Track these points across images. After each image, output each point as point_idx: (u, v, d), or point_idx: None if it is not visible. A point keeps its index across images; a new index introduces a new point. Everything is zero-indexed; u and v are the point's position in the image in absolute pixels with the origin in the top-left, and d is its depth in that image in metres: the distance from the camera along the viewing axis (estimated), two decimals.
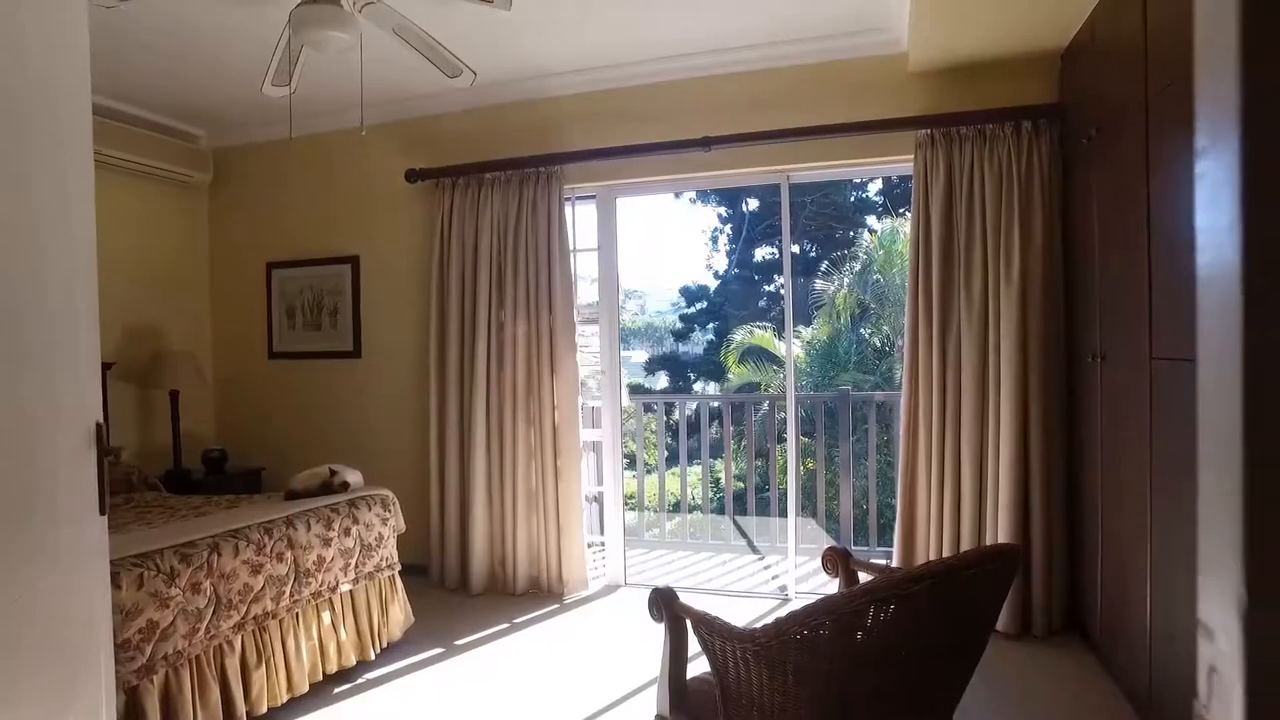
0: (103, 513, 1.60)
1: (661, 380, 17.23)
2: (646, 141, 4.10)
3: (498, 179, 4.36)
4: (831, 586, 2.96)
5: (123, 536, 2.87)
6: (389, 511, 3.61)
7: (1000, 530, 3.49)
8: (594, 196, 4.45)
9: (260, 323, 5.09)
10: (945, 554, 3.65)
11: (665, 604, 2.11)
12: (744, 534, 5.80)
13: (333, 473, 3.55)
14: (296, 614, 3.04)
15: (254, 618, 2.84)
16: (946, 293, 3.68)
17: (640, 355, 19.33)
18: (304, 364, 5.01)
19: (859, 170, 4.14)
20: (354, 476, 3.61)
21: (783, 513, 5.39)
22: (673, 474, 7.90)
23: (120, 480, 4.06)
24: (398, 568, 3.62)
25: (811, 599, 4.22)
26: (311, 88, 4.28)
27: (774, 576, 4.75)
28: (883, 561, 4.02)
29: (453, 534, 4.40)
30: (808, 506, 6.93)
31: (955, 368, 3.67)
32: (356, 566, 3.35)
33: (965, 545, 3.64)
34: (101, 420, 1.59)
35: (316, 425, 4.98)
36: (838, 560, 2.46)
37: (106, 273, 4.49)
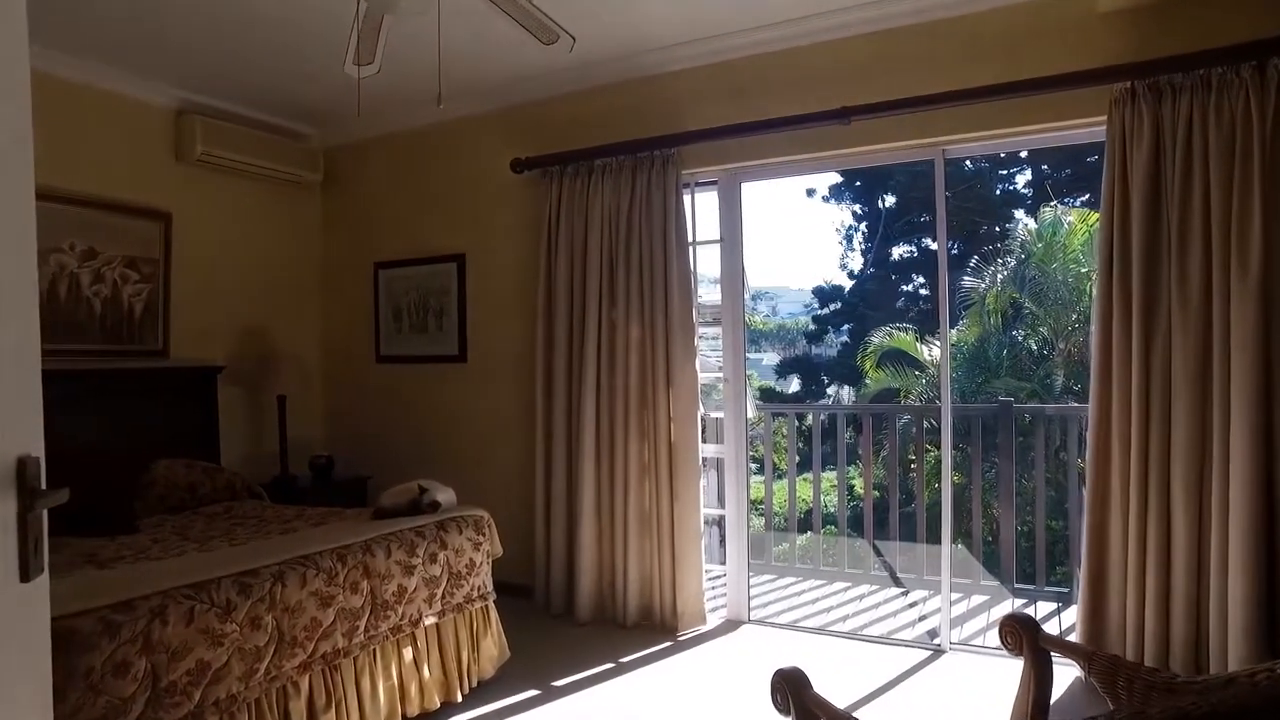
0: (26, 578, 1.20)
1: (794, 384, 16.51)
2: (774, 116, 3.56)
3: (609, 165, 3.94)
4: (1012, 668, 2.31)
5: (178, 562, 2.64)
6: (483, 535, 3.26)
7: (1233, 589, 2.72)
8: (715, 182, 3.95)
9: (368, 325, 4.92)
10: (1147, 612, 2.91)
11: (793, 694, 1.59)
12: (885, 562, 5.12)
13: (422, 490, 3.24)
14: (373, 651, 2.71)
15: (323, 656, 2.53)
16: (1151, 289, 2.93)
17: (771, 358, 18.68)
18: (410, 368, 4.79)
19: (1032, 139, 3.42)
20: (445, 495, 3.28)
21: (931, 538, 4.70)
22: (804, 480, 7.28)
23: (223, 488, 3.94)
24: (492, 597, 3.26)
25: (971, 654, 3.62)
26: (409, 77, 4.01)
27: (921, 617, 4.08)
28: (1070, 638, 3.29)
29: (559, 555, 4.02)
30: (959, 529, 6.14)
31: (1163, 381, 2.92)
32: (443, 597, 3.01)
33: (1178, 603, 2.88)
34: (35, 454, 1.22)
35: (420, 433, 4.75)
36: (1021, 635, 1.85)
37: (219, 276, 4.48)
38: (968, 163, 13.07)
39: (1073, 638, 3.17)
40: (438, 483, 3.36)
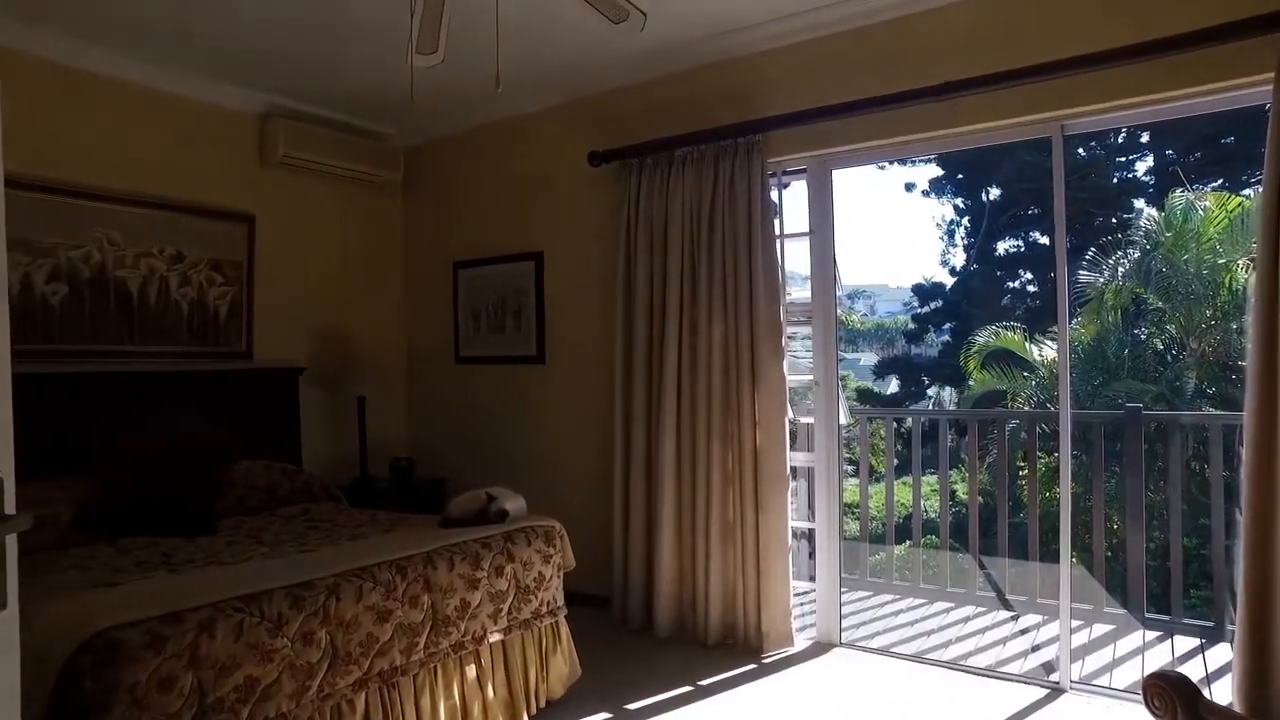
0: None
1: (892, 385, 15.87)
2: (867, 96, 3.25)
3: (690, 155, 3.72)
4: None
5: (242, 568, 2.56)
6: (553, 547, 3.09)
7: None
8: (803, 171, 3.67)
9: (448, 326, 4.85)
10: None
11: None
12: (992, 580, 4.69)
13: (490, 498, 3.09)
14: (434, 669, 2.58)
15: (379, 673, 2.40)
16: None
17: (869, 358, 18.06)
18: (488, 369, 4.69)
19: (1171, 106, 2.96)
20: (514, 504, 3.13)
21: (1045, 555, 4.27)
22: (903, 483, 6.85)
23: (301, 489, 3.91)
24: (562, 613, 3.09)
25: (1096, 696, 3.18)
26: (486, 72, 3.91)
27: (1034, 647, 3.68)
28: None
29: (637, 567, 3.82)
30: (1078, 544, 5.60)
31: None
32: (510, 613, 2.85)
33: None
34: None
35: (498, 436, 4.64)
36: (1176, 702, 1.52)
37: (301, 277, 4.48)
38: (1080, 151, 12.18)
39: (1226, 687, 2.74)
40: (508, 490, 3.21)
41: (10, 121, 3.37)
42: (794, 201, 3.71)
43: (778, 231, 3.61)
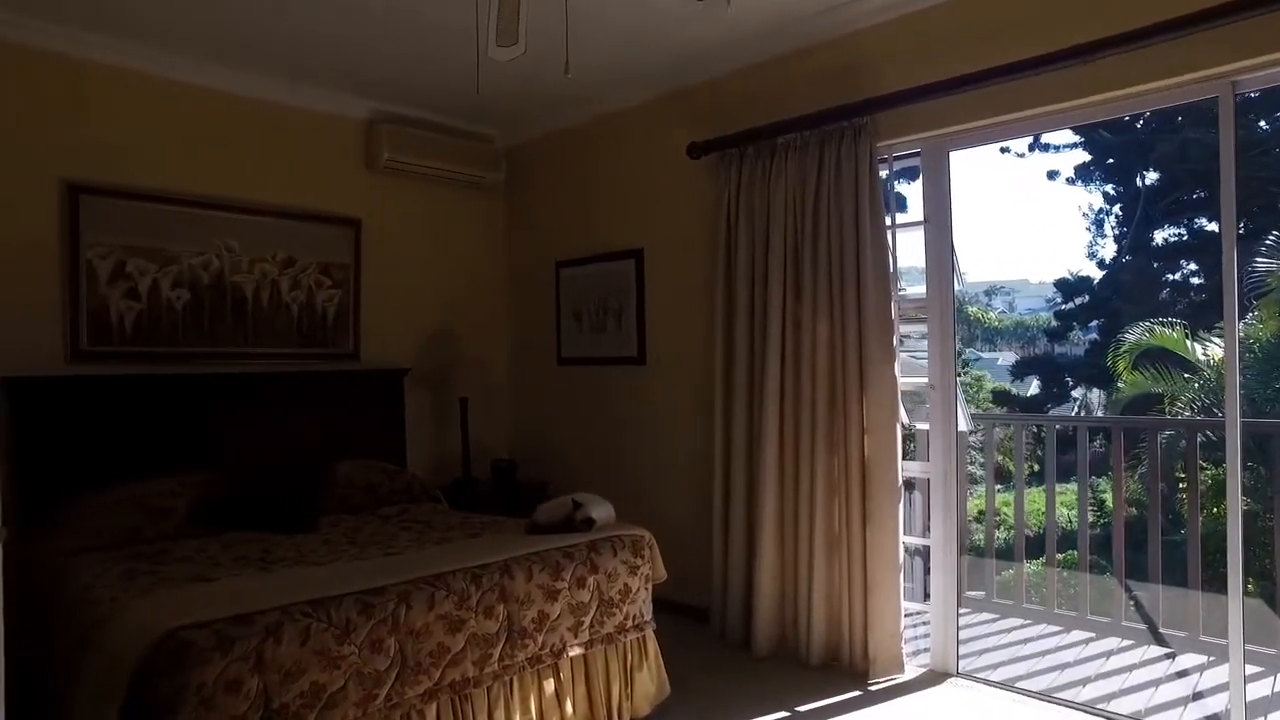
0: None
1: (1032, 386, 14.79)
2: (989, 66, 2.91)
3: (792, 143, 3.48)
4: None
5: (327, 570, 2.56)
6: (641, 558, 2.93)
7: None
8: (918, 154, 3.35)
9: (550, 326, 4.81)
10: None
11: None
12: (1141, 609, 4.15)
13: (576, 505, 2.98)
14: (509, 682, 2.48)
15: (450, 684, 2.33)
16: None
17: (1008, 357, 16.99)
18: (589, 370, 4.60)
19: None
20: (601, 511, 3.00)
21: (1210, 584, 3.73)
22: (1037, 490, 6.26)
23: (401, 490, 3.95)
24: (650, 627, 2.93)
25: None
26: (583, 67, 3.85)
27: (1195, 695, 3.20)
28: None
29: (737, 578, 3.62)
30: (1252, 572, 4.90)
31: None
32: (592, 626, 2.72)
33: None
34: None
35: (597, 438, 4.55)
36: None
37: (406, 279, 4.54)
38: (1262, 123, 10.85)
39: None
40: (596, 496, 3.09)
41: (140, 139, 3.57)
42: (909, 189, 3.40)
43: (889, 221, 3.31)
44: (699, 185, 3.95)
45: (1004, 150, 15.87)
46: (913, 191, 3.47)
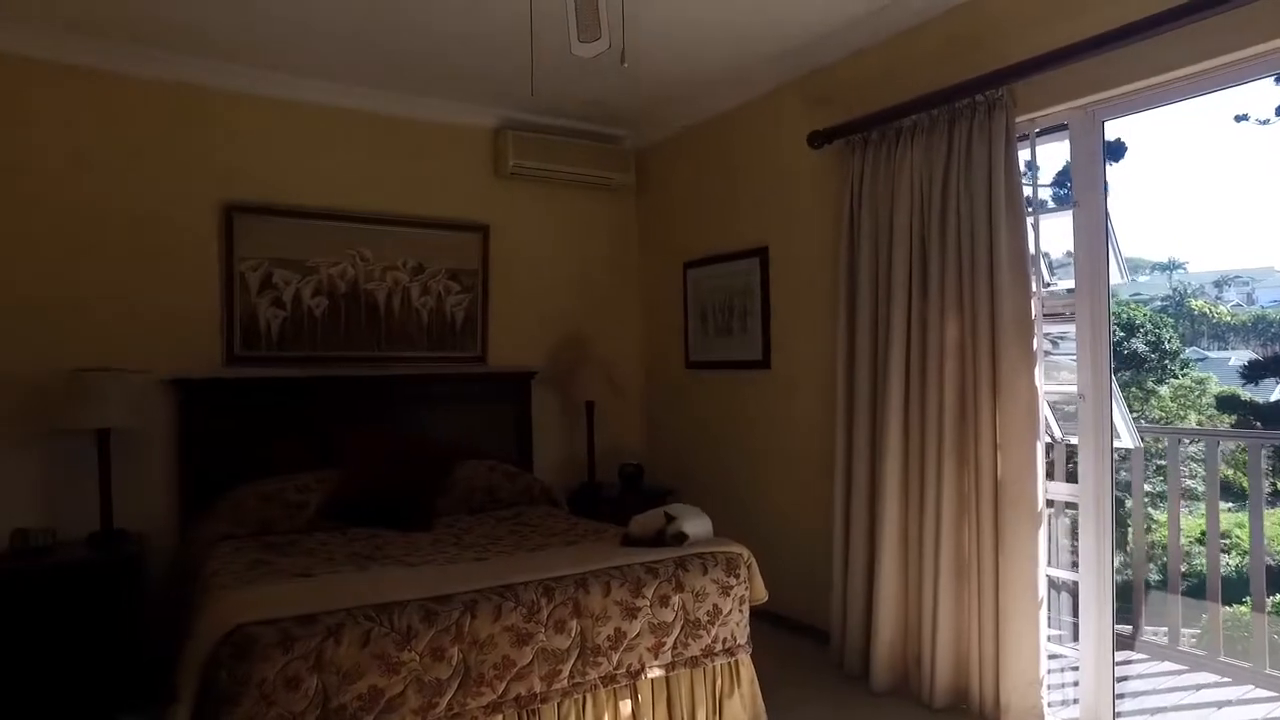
0: None
1: (1275, 391, 12.81)
2: (1154, 11, 2.44)
3: (918, 124, 3.15)
4: None
5: (412, 571, 2.60)
6: (735, 578, 2.74)
7: None
8: (1064, 127, 2.90)
9: (678, 329, 4.70)
10: None
11: None
12: None
13: (669, 519, 2.84)
14: (580, 700, 2.40)
15: (516, 698, 2.28)
16: None
17: (1241, 356, 14.85)
18: (715, 374, 4.45)
19: None
20: (695, 525, 2.84)
21: None
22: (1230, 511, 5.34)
23: (520, 492, 4.00)
24: (744, 651, 2.74)
25: None
26: (706, 62, 3.73)
27: None
28: None
29: (857, 602, 3.33)
30: None
31: None
32: (675, 647, 2.57)
33: None
34: None
35: (721, 446, 4.38)
36: None
37: (534, 283, 4.60)
38: None
39: None
40: (693, 509, 2.94)
41: (284, 160, 3.85)
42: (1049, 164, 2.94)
43: (1029, 206, 2.90)
44: (822, 177, 3.69)
45: (1240, 118, 13.87)
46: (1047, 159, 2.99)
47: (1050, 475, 2.95)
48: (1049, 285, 3.42)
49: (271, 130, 3.87)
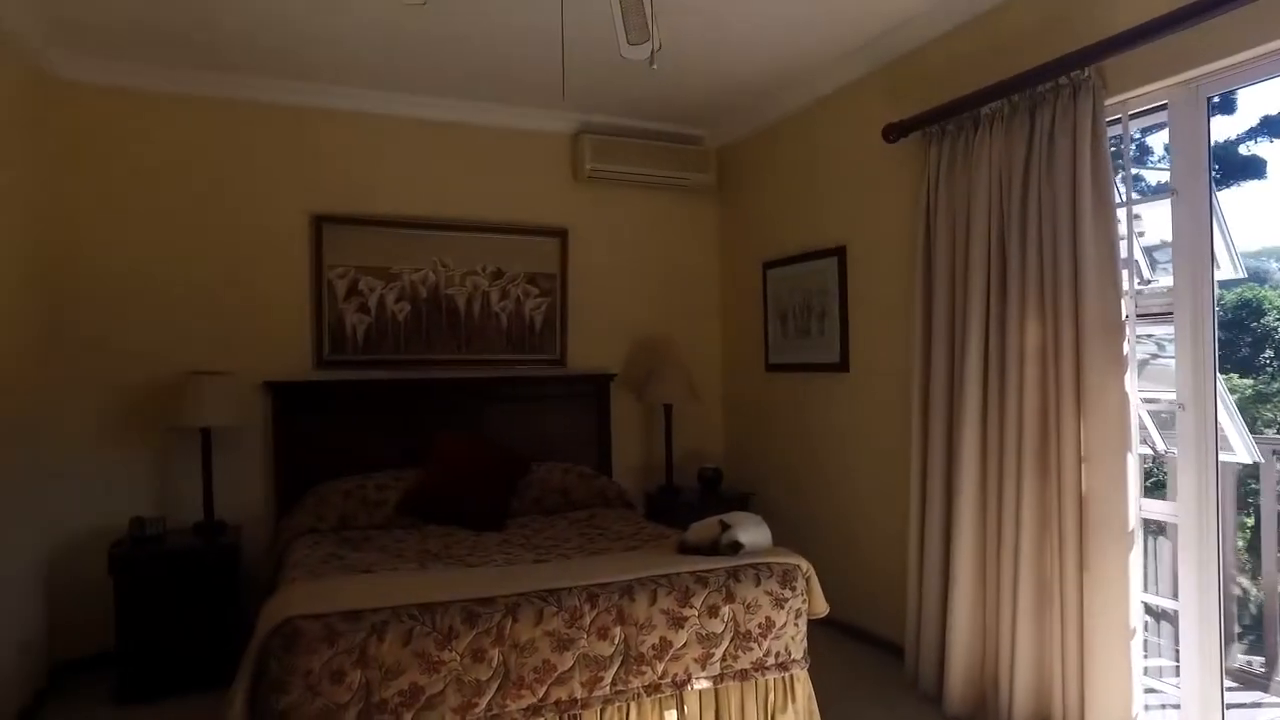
0: None
1: None
2: None
3: (998, 113, 2.95)
4: None
5: (467, 572, 2.65)
6: (791, 590, 2.65)
7: None
8: (1163, 106, 2.64)
9: (758, 331, 4.60)
10: None
11: None
12: None
13: (724, 527, 2.78)
14: (623, 708, 2.38)
15: (556, 703, 2.28)
16: None
17: None
18: (794, 377, 4.33)
19: None
20: (751, 535, 2.76)
21: None
22: None
23: (595, 494, 4.02)
24: (800, 666, 2.64)
25: None
26: (782, 60, 3.65)
27: None
28: None
29: (931, 617, 3.16)
30: None
31: None
32: (724, 659, 2.51)
33: None
34: None
35: (798, 451, 4.26)
36: None
37: (613, 285, 4.62)
38: None
39: None
40: (751, 517, 2.87)
41: (369, 171, 4.02)
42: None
43: (1117, 196, 2.66)
44: (899, 173, 3.53)
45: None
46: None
47: (1150, 493, 2.68)
48: (1149, 282, 3.14)
49: (357, 144, 4.05)
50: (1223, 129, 7.61)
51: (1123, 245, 2.70)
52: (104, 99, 3.60)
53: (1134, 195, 2.83)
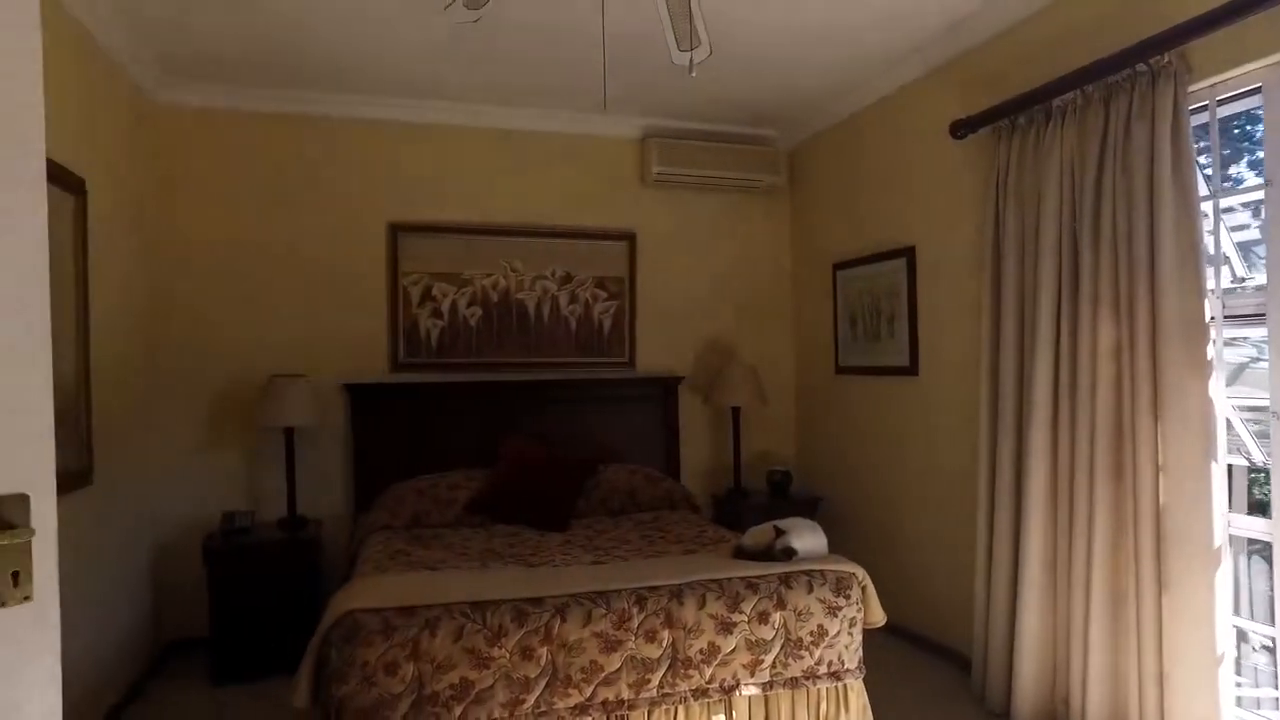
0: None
1: None
2: None
3: (1071, 104, 2.82)
4: None
5: (514, 572, 2.71)
6: (845, 598, 2.61)
7: None
8: (1257, 89, 2.46)
9: (828, 333, 4.53)
10: None
11: None
12: None
13: (778, 533, 2.76)
14: (671, 711, 2.39)
15: (603, 703, 2.32)
16: None
17: None
18: (864, 381, 4.23)
19: None
20: (806, 541, 2.73)
21: None
22: None
23: (661, 496, 4.03)
24: (854, 676, 2.60)
25: None
26: (842, 52, 3.62)
27: None
28: None
29: (999, 630, 3.04)
30: None
31: None
32: (774, 666, 2.49)
33: None
34: (21, 491, 1.27)
35: (869, 456, 4.17)
36: None
37: (680, 288, 4.65)
38: None
39: None
40: (807, 523, 2.84)
41: (442, 181, 4.14)
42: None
43: (1201, 189, 2.49)
44: (967, 170, 3.41)
45: None
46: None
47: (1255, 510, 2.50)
48: (1244, 280, 2.92)
49: (431, 154, 4.21)
50: None
51: (1210, 241, 2.53)
52: (198, 120, 3.86)
53: (1223, 186, 2.63)
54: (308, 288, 4.02)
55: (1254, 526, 2.57)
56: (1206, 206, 2.57)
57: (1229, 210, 2.94)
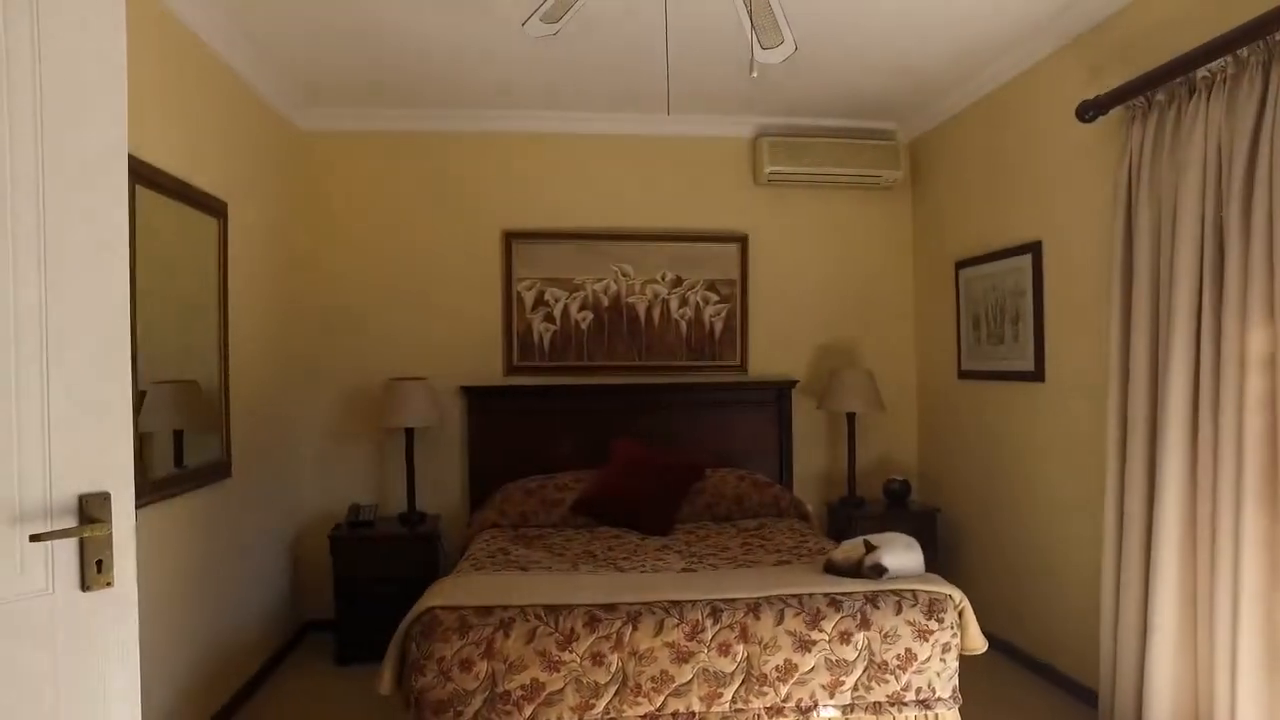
0: (85, 588, 1.42)
1: None
2: None
3: (1218, 75, 2.49)
4: None
5: (605, 577, 2.73)
6: (938, 622, 2.45)
7: None
8: None
9: (950, 335, 4.26)
10: None
11: None
12: None
13: (868, 549, 2.62)
14: None
15: (673, 714, 2.30)
16: None
17: None
18: (987, 386, 3.95)
19: None
20: (899, 559, 2.59)
21: None
22: None
23: (768, 503, 3.95)
24: (948, 706, 2.43)
25: None
26: (962, 37, 3.40)
27: None
28: None
29: (1128, 667, 2.75)
30: None
31: None
32: (855, 689, 2.38)
33: None
34: (102, 489, 1.42)
35: (989, 467, 3.88)
36: None
37: (794, 290, 4.56)
38: None
39: None
40: (903, 538, 2.69)
41: (554, 188, 4.26)
42: None
43: None
44: (1098, 155, 3.10)
45: None
46: None
47: None
48: None
49: (542, 162, 4.33)
50: None
51: None
52: (331, 142, 4.18)
53: None
54: (428, 294, 4.24)
55: None
56: None
57: None
